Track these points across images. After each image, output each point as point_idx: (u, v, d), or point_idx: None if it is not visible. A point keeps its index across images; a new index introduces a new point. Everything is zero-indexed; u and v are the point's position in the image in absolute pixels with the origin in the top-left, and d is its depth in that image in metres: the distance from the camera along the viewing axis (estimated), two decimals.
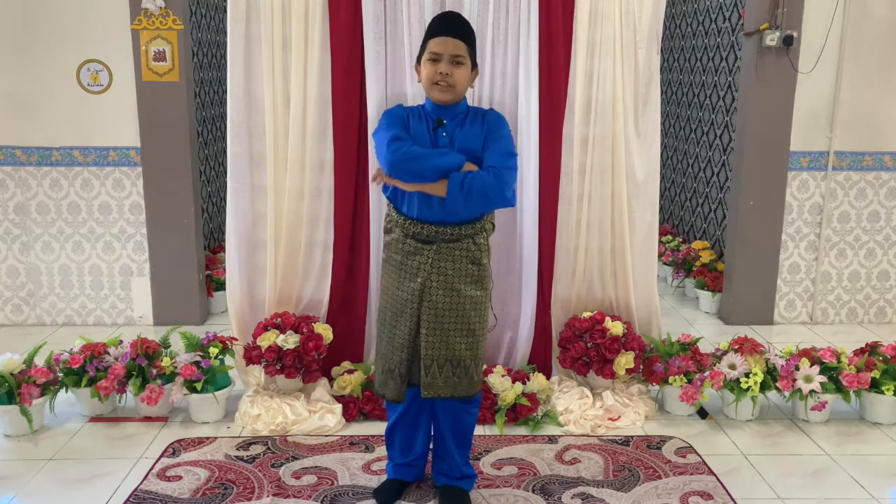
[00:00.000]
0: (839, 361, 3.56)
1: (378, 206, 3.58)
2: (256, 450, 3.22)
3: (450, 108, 2.66)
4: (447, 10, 3.39)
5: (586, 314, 3.65)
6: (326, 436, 3.35)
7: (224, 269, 4.04)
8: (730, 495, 2.93)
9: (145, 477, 3.02)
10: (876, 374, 3.52)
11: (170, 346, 3.61)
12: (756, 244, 4.79)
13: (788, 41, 4.47)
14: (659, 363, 3.56)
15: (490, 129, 2.65)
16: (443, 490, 2.86)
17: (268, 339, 3.44)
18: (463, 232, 2.62)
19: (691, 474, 3.08)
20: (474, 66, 2.65)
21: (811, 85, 4.62)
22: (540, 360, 3.78)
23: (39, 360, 3.50)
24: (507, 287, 3.71)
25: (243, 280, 3.64)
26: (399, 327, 2.66)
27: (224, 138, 5.82)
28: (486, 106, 3.53)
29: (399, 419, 2.83)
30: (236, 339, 3.61)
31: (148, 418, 3.50)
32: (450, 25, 2.60)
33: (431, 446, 2.91)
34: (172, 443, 3.28)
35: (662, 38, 3.86)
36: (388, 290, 2.70)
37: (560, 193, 3.64)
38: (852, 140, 4.73)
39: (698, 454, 3.24)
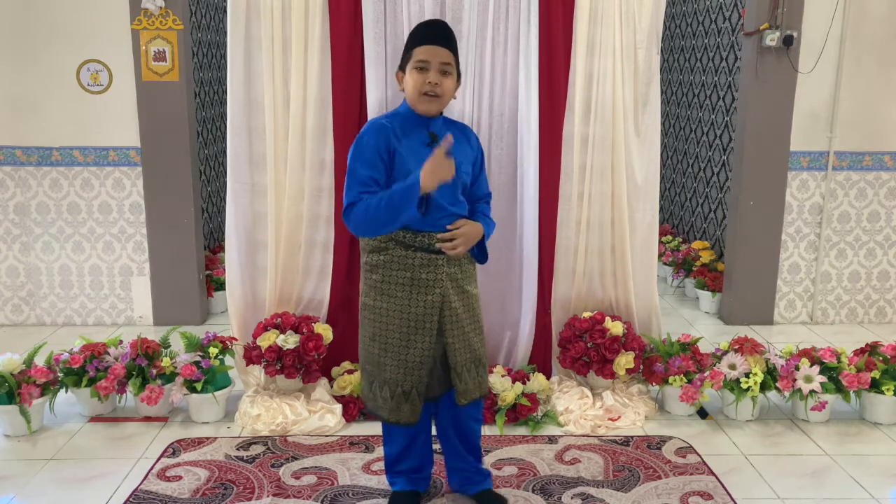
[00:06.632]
0: (839, 361, 3.56)
1: None
2: (256, 450, 3.22)
3: (432, 120, 2.60)
4: (436, 16, 3.39)
5: (586, 314, 3.65)
6: (326, 436, 3.35)
7: (224, 269, 4.04)
8: (730, 495, 2.93)
9: (145, 477, 3.02)
10: (876, 374, 3.52)
11: (170, 346, 3.61)
12: (756, 244, 4.79)
13: (788, 41, 4.47)
14: (659, 363, 3.56)
15: (480, 155, 2.76)
16: (478, 497, 2.84)
17: (268, 339, 3.44)
18: None
19: (691, 474, 3.08)
20: (458, 76, 2.60)
21: (811, 85, 4.62)
22: (540, 360, 3.77)
23: (39, 360, 3.49)
24: (507, 287, 3.70)
25: (243, 280, 3.64)
26: (415, 345, 2.56)
27: (224, 138, 5.82)
28: (485, 108, 3.55)
29: (410, 444, 2.78)
30: (236, 339, 3.61)
31: (148, 418, 3.50)
32: (438, 34, 2.54)
33: (442, 454, 2.88)
34: (172, 443, 3.28)
35: (662, 38, 3.86)
36: (393, 311, 2.56)
37: (560, 193, 3.64)
38: (852, 140, 4.72)
39: (698, 454, 3.24)
